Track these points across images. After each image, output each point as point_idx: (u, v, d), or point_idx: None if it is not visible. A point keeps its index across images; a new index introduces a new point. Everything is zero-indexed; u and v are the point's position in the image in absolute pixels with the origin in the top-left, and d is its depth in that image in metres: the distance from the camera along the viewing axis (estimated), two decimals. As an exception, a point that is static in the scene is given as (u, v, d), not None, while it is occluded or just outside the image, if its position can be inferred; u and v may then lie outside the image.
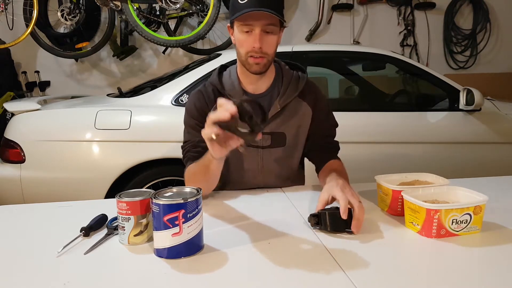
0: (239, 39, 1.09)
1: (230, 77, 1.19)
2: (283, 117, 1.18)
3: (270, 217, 0.96)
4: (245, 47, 1.08)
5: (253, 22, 1.05)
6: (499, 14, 4.35)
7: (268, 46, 1.08)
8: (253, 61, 1.09)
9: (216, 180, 1.06)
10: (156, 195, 0.74)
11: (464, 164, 2.35)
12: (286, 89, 1.18)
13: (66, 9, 3.41)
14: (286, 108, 1.18)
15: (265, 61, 1.09)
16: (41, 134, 2.10)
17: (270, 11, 1.02)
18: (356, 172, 1.81)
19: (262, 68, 1.11)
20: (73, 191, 2.05)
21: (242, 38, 1.08)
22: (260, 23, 1.05)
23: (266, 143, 1.18)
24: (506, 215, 0.93)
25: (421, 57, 4.28)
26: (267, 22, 1.05)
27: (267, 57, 1.09)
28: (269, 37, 1.08)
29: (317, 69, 2.75)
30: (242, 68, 1.15)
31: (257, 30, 1.05)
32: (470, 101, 2.27)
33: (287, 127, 1.19)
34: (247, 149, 0.82)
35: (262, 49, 1.07)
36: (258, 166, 1.19)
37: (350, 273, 0.67)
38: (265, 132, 1.17)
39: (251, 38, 1.06)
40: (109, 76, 3.97)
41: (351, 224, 0.83)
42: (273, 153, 1.19)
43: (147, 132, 2.08)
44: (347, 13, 4.16)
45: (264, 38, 1.07)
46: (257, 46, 1.06)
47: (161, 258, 0.74)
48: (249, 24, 1.05)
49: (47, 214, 1.02)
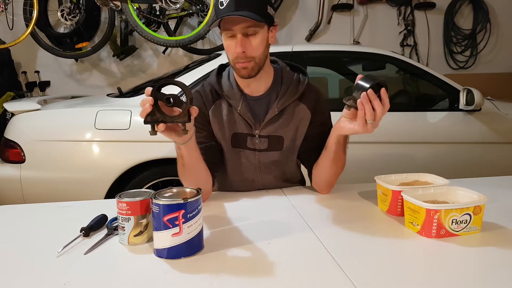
0: (225, 45, 1.08)
1: (228, 79, 1.18)
2: (282, 121, 1.15)
3: (270, 217, 0.96)
4: (230, 53, 1.07)
5: (232, 26, 1.02)
6: (499, 14, 4.35)
7: (252, 49, 1.04)
8: (240, 66, 1.07)
9: (200, 172, 1.04)
10: (156, 195, 0.74)
11: (464, 164, 2.35)
12: (285, 92, 1.15)
13: (66, 9, 3.41)
14: (284, 111, 1.15)
15: (252, 65, 1.06)
16: (41, 134, 2.10)
17: (246, 13, 0.99)
18: (356, 172, 1.82)
19: (251, 72, 1.08)
20: (73, 191, 2.05)
21: (227, 44, 1.07)
22: (239, 27, 1.02)
23: (263, 146, 1.16)
24: (506, 215, 0.93)
25: (421, 57, 4.28)
26: (246, 25, 1.02)
27: (253, 60, 1.06)
28: (252, 40, 1.04)
29: (317, 69, 2.75)
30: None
31: (238, 34, 1.03)
32: (470, 101, 2.27)
33: (285, 130, 1.16)
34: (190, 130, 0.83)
35: (245, 53, 1.04)
36: (256, 169, 1.18)
37: (350, 273, 0.67)
38: (262, 135, 1.15)
39: (234, 44, 1.04)
40: (109, 76, 3.97)
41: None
42: (270, 156, 1.17)
43: (147, 132, 2.07)
44: (347, 13, 4.16)
45: (247, 42, 1.04)
46: (239, 51, 1.03)
47: (161, 258, 0.74)
48: (230, 29, 1.03)
49: (47, 214, 1.02)
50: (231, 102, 1.15)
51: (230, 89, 1.16)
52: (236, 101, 1.14)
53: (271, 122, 1.15)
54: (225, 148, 1.17)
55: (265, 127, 1.15)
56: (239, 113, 1.14)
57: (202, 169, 1.05)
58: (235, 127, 1.16)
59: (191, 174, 1.02)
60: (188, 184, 1.01)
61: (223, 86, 1.17)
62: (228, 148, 1.17)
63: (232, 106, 1.15)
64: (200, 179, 1.05)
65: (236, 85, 1.16)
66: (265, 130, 1.15)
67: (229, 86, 1.16)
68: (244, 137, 1.16)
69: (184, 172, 1.02)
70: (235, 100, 1.15)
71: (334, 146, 1.05)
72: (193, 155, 0.99)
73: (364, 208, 1.02)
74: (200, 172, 1.05)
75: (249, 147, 1.16)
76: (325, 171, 1.11)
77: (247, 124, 1.15)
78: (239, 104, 1.14)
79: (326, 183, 1.14)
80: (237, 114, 1.14)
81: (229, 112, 1.15)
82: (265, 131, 1.15)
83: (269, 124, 1.15)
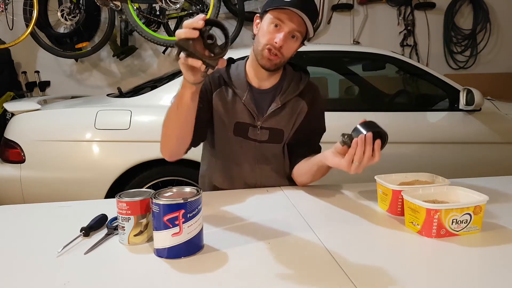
0: (264, 29, 1.09)
1: (237, 69, 1.21)
2: (283, 115, 1.19)
3: (270, 217, 0.96)
4: (267, 38, 1.08)
5: (286, 20, 1.06)
6: (499, 14, 4.35)
7: (287, 49, 1.10)
8: (268, 55, 1.09)
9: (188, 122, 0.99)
10: (156, 195, 0.74)
11: (464, 164, 2.35)
12: (288, 88, 1.20)
13: (66, 9, 3.41)
14: (286, 106, 1.19)
15: (278, 61, 1.11)
16: (41, 134, 2.10)
17: (308, 18, 1.05)
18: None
19: (273, 66, 1.12)
20: (73, 191, 2.05)
21: (268, 29, 1.08)
22: (291, 24, 1.06)
23: (263, 137, 1.19)
24: (506, 215, 0.93)
25: (421, 57, 4.28)
26: (297, 27, 1.07)
27: (282, 58, 1.11)
28: (292, 42, 1.10)
29: (317, 69, 2.75)
30: (253, 62, 1.16)
31: (286, 29, 1.06)
32: (470, 101, 2.27)
33: (285, 124, 1.20)
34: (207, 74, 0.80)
35: (281, 48, 1.08)
36: (255, 160, 1.21)
37: (350, 273, 0.67)
38: (264, 127, 1.18)
39: (276, 33, 1.07)
40: (109, 76, 3.97)
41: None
42: (270, 148, 1.21)
43: (147, 132, 2.08)
44: (347, 13, 4.17)
45: (288, 40, 1.08)
46: (278, 43, 1.07)
47: (161, 258, 0.74)
48: (281, 21, 1.06)
49: (47, 214, 1.02)
50: (237, 91, 1.17)
51: (238, 79, 1.19)
52: (242, 91, 1.17)
53: (274, 115, 1.18)
54: (226, 135, 1.19)
55: (268, 119, 1.18)
56: (243, 103, 1.17)
57: (190, 120, 0.99)
58: (238, 116, 1.18)
59: (179, 119, 0.97)
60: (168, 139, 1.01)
61: (231, 75, 1.20)
62: (229, 136, 1.19)
63: (237, 95, 1.17)
64: (184, 131, 1.01)
65: (244, 76, 1.19)
66: (267, 122, 1.18)
67: (237, 76, 1.19)
68: (246, 127, 1.18)
69: (172, 117, 0.97)
70: (241, 90, 1.17)
71: (315, 167, 1.11)
72: (194, 98, 0.93)
73: (364, 207, 1.02)
74: (188, 122, 0.99)
75: (250, 137, 1.19)
76: (303, 177, 1.19)
77: (250, 115, 1.18)
78: (245, 94, 1.17)
79: (302, 183, 1.22)
80: (241, 103, 1.17)
81: (233, 100, 1.18)
82: (267, 123, 1.18)
83: (272, 117, 1.18)
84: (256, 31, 1.14)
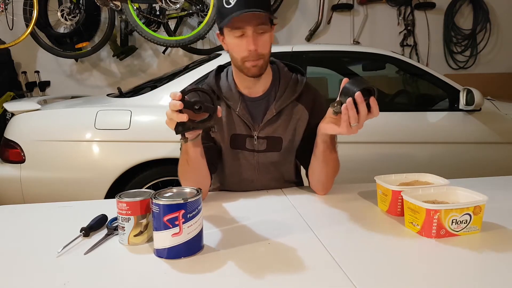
0: (232, 45, 1.07)
1: (227, 80, 1.18)
2: (280, 122, 1.15)
3: (270, 217, 0.96)
4: (240, 52, 1.06)
5: (243, 25, 1.02)
6: (499, 14, 4.35)
7: (263, 47, 1.06)
8: (250, 64, 1.07)
9: (202, 170, 1.06)
10: (156, 195, 0.74)
11: (464, 164, 2.35)
12: (283, 93, 1.15)
13: (66, 9, 3.41)
14: (282, 112, 1.15)
15: (262, 63, 1.07)
16: (41, 134, 2.10)
17: (258, 10, 1.00)
18: (356, 172, 1.82)
19: (260, 70, 1.09)
20: (73, 191, 2.05)
21: (235, 43, 1.06)
22: (251, 25, 1.02)
23: (261, 147, 1.16)
24: (506, 215, 0.93)
25: (421, 57, 4.27)
26: (258, 22, 1.02)
27: (263, 57, 1.07)
28: (263, 37, 1.05)
29: (317, 69, 2.75)
30: (238, 73, 1.13)
31: (249, 32, 1.03)
32: (470, 101, 2.27)
33: (283, 131, 1.16)
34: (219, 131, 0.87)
35: (257, 51, 1.04)
36: (254, 170, 1.18)
37: (350, 273, 0.67)
38: (261, 137, 1.15)
39: (244, 42, 1.04)
40: (109, 76, 3.97)
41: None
42: (269, 157, 1.17)
43: (147, 132, 2.08)
44: (347, 13, 4.16)
45: (258, 39, 1.04)
46: (252, 49, 1.03)
47: (161, 258, 0.74)
48: (240, 28, 1.03)
49: (47, 214, 1.02)
50: (230, 103, 1.15)
51: (229, 91, 1.16)
52: (235, 103, 1.14)
53: (270, 123, 1.15)
54: (224, 149, 1.17)
55: (264, 128, 1.15)
56: (237, 115, 1.14)
57: (203, 166, 1.06)
58: (234, 128, 1.16)
59: (193, 170, 1.03)
60: (188, 183, 1.01)
61: (221, 87, 1.17)
62: (227, 149, 1.17)
63: (231, 107, 1.15)
64: (201, 176, 1.07)
65: (234, 86, 1.16)
66: (263, 131, 1.15)
67: (228, 87, 1.16)
68: (243, 138, 1.16)
69: (186, 170, 1.03)
70: (233, 102, 1.15)
71: (321, 145, 1.06)
72: (198, 150, 1.00)
73: (364, 208, 1.02)
74: (202, 170, 1.06)
75: (248, 148, 1.16)
76: (317, 173, 1.12)
77: (246, 126, 1.15)
78: (238, 106, 1.14)
79: (321, 185, 1.13)
80: (236, 115, 1.15)
81: (227, 113, 1.15)
82: (263, 132, 1.15)
83: (268, 125, 1.15)
84: (226, 47, 1.11)
